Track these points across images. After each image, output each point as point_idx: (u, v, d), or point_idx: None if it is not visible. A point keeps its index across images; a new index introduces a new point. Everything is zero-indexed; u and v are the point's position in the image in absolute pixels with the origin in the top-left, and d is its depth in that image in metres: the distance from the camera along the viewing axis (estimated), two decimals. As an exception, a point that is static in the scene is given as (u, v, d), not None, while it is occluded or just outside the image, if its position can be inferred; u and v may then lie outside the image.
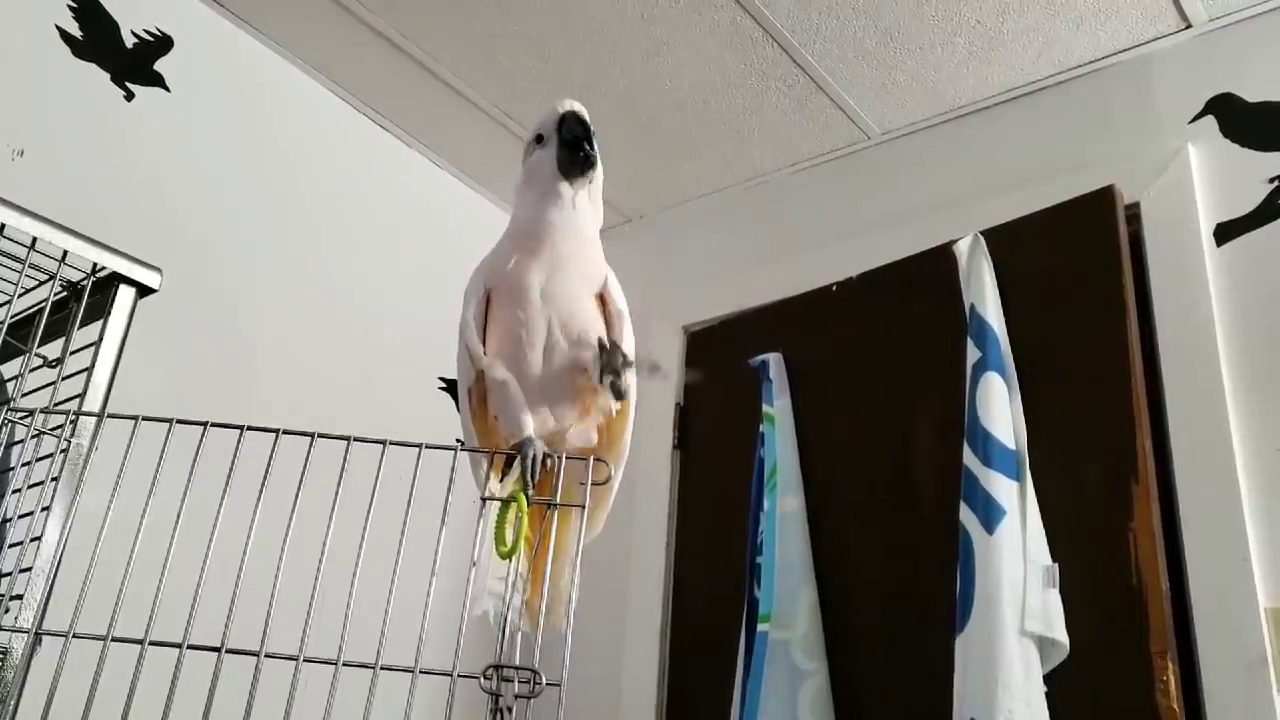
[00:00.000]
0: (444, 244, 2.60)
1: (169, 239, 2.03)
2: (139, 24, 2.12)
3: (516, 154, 2.80)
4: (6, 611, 1.08)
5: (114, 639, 0.90)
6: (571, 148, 1.20)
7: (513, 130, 2.55)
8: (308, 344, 2.29)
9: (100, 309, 1.32)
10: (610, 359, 1.12)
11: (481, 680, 0.90)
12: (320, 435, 0.98)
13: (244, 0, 2.25)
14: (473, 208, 2.76)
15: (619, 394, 1.13)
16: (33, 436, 1.15)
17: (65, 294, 1.34)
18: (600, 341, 1.14)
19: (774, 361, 2.28)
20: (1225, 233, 1.94)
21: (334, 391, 2.28)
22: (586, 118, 1.22)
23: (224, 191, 2.20)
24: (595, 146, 1.21)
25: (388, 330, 2.45)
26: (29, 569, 1.13)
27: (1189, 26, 2.12)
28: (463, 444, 1.16)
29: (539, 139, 1.24)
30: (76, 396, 1.25)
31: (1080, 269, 1.94)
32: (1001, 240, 2.02)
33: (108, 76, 2.05)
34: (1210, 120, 2.04)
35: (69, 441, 1.18)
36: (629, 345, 1.25)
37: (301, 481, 0.96)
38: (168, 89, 2.14)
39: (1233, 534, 1.74)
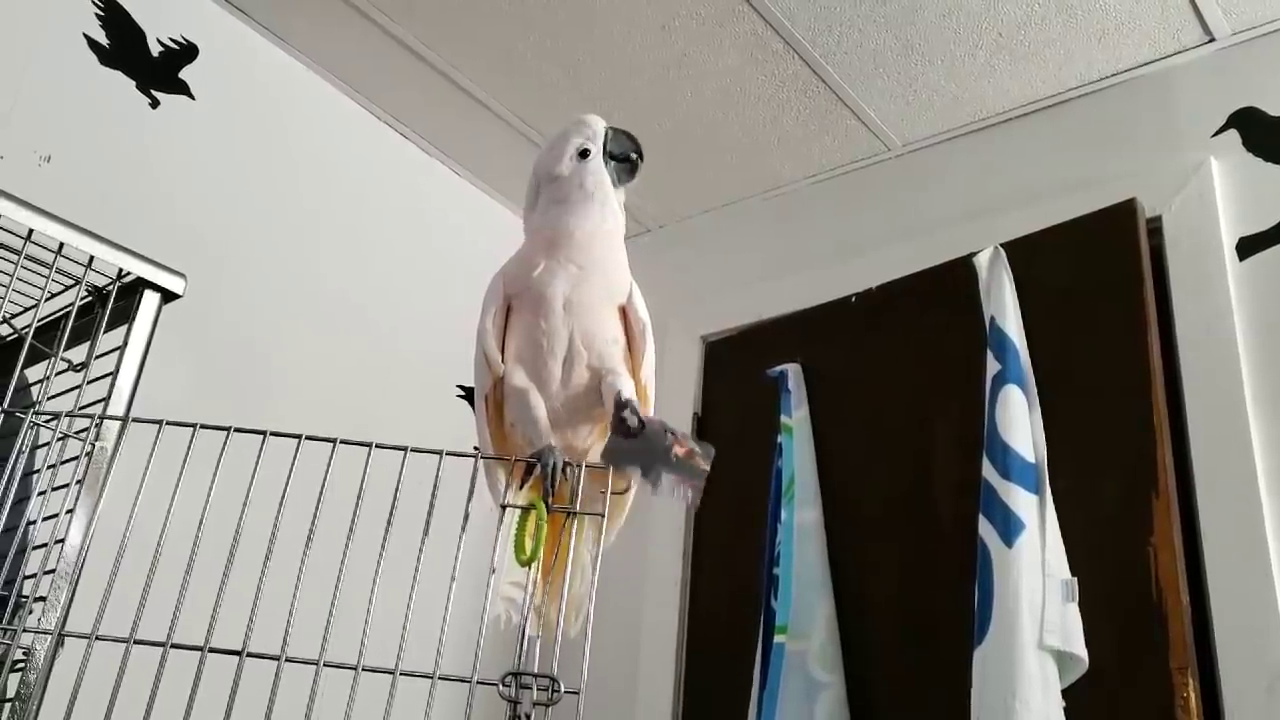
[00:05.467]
0: (463, 252, 2.61)
1: (192, 245, 2.04)
2: (165, 33, 2.14)
3: (537, 163, 2.77)
4: (30, 613, 1.08)
5: (136, 641, 0.91)
6: (625, 160, 1.27)
7: (533, 140, 2.56)
8: (328, 350, 2.30)
9: (125, 314, 1.33)
10: (618, 419, 1.11)
11: (500, 687, 0.90)
12: (342, 441, 0.99)
13: (268, 10, 2.27)
14: (492, 216, 2.76)
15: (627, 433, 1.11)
16: (57, 440, 1.16)
17: (91, 299, 1.35)
18: (617, 399, 1.14)
19: (792, 372, 2.27)
20: (1248, 247, 1.93)
21: (353, 397, 2.29)
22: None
23: (247, 198, 2.22)
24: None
25: (407, 337, 2.46)
26: (52, 571, 1.14)
27: (1212, 40, 2.11)
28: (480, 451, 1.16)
29: (584, 153, 1.26)
30: (101, 401, 1.27)
31: (1101, 282, 1.94)
32: (1022, 253, 2.02)
33: (134, 84, 2.07)
34: (1233, 134, 2.03)
35: (93, 445, 1.19)
36: (649, 360, 1.26)
37: (323, 487, 0.97)
38: (192, 97, 2.16)
39: (1254, 549, 1.73)
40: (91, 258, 1.31)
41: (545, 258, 1.22)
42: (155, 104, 2.10)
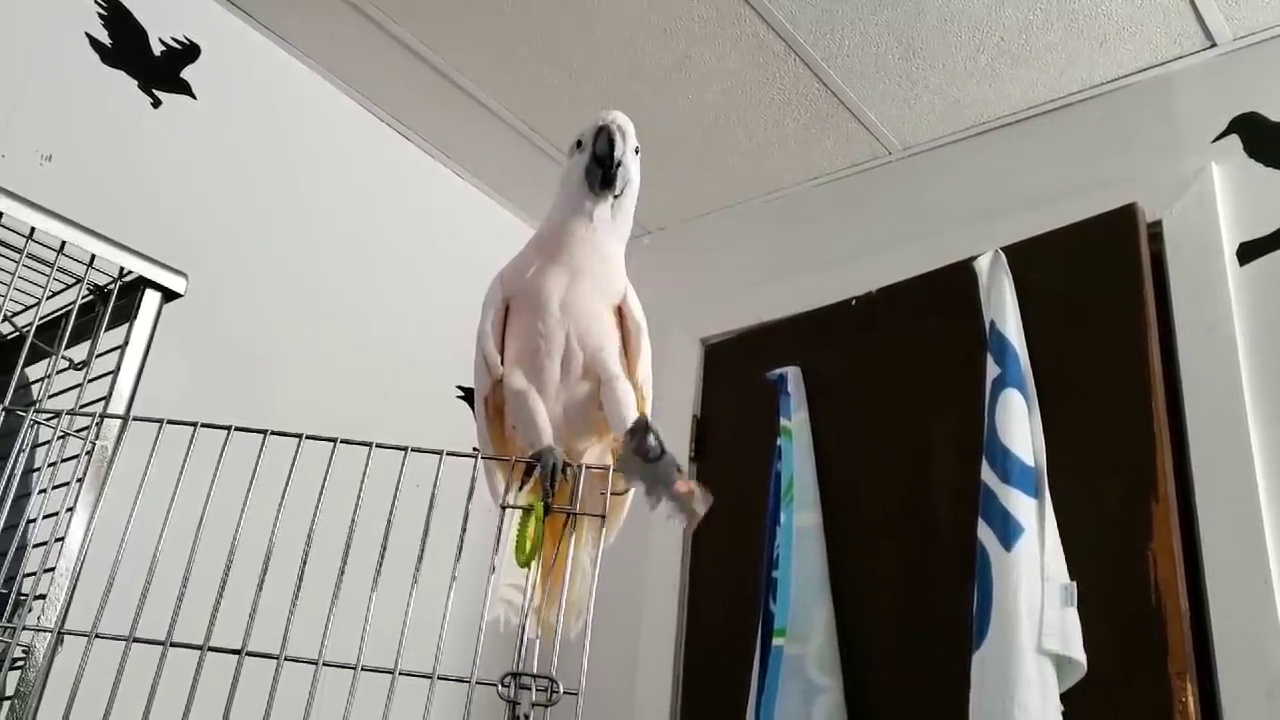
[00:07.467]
0: (463, 252, 2.61)
1: (194, 245, 2.04)
2: (167, 32, 2.14)
3: (538, 165, 2.81)
4: (29, 611, 1.08)
5: (136, 640, 0.91)
6: (598, 163, 1.21)
7: (534, 142, 2.57)
8: (328, 350, 2.30)
9: (126, 313, 1.34)
10: (641, 441, 1.10)
11: (499, 688, 0.90)
12: (343, 441, 0.99)
13: (270, 10, 2.28)
14: (493, 218, 2.77)
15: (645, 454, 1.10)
16: (58, 438, 1.16)
17: (92, 297, 1.35)
18: (636, 423, 1.12)
19: (792, 375, 2.27)
20: (1248, 252, 1.93)
21: (353, 397, 2.29)
22: (619, 136, 1.21)
23: (248, 198, 2.22)
24: (625, 164, 1.20)
25: (407, 337, 2.46)
26: (52, 569, 1.14)
27: (1213, 45, 2.11)
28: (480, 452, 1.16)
29: (579, 144, 1.24)
30: (102, 399, 1.27)
31: (1102, 287, 1.94)
32: (1022, 257, 2.02)
33: (135, 84, 2.07)
34: (1234, 139, 2.03)
35: (94, 444, 1.19)
36: (646, 360, 1.25)
37: (323, 487, 0.97)
38: (194, 97, 2.16)
39: (1253, 555, 1.73)
40: (93, 256, 1.32)
41: (540, 258, 1.21)
42: (157, 103, 2.10)
